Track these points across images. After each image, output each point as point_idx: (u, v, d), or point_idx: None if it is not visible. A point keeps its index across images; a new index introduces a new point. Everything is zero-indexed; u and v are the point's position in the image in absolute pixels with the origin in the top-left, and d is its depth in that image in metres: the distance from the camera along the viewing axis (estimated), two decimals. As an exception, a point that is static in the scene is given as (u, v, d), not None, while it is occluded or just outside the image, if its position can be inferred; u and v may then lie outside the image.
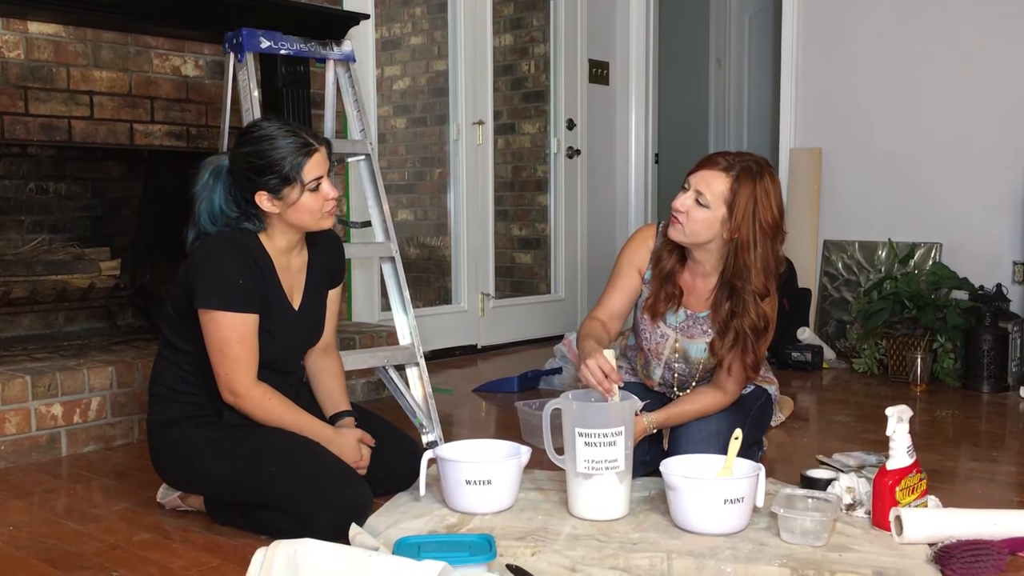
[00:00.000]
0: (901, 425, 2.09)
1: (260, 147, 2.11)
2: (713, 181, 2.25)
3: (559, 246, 5.17)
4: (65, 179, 3.50)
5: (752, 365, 2.34)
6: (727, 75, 6.04)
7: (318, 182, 2.14)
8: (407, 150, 5.51)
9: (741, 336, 2.31)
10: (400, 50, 5.50)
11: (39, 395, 2.78)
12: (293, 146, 2.11)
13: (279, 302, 2.21)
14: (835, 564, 1.89)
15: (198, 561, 1.97)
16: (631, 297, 2.47)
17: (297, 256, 2.27)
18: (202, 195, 2.17)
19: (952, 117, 4.21)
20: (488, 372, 4.14)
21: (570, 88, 5.09)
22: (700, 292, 2.41)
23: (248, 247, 2.16)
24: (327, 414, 2.32)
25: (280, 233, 2.20)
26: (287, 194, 2.12)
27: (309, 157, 2.12)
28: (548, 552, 1.95)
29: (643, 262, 2.45)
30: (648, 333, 2.47)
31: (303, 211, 2.15)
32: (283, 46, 3.01)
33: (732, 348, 2.33)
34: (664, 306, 2.40)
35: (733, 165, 2.25)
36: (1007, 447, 2.98)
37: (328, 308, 2.37)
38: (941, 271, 3.94)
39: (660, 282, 2.40)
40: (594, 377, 2.16)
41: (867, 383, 3.90)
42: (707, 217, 2.26)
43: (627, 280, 2.45)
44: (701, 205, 2.26)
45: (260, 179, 2.11)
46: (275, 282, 2.20)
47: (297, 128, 2.16)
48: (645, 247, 2.45)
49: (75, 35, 3.13)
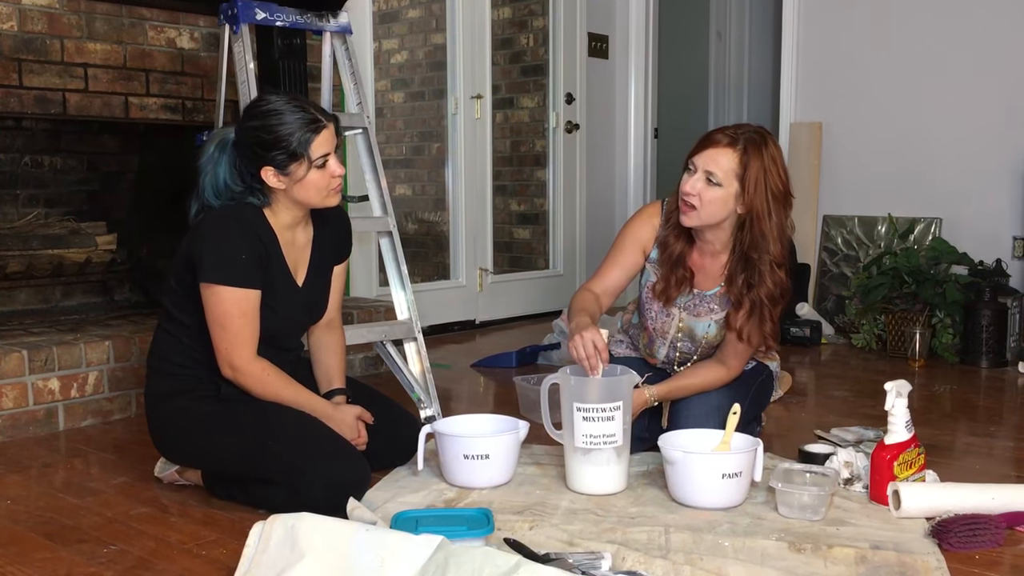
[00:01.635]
0: (900, 400, 2.09)
1: (268, 122, 2.08)
2: (721, 158, 2.22)
3: (558, 221, 5.15)
4: (60, 152, 3.48)
5: (772, 333, 2.32)
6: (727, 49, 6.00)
7: (325, 159, 2.12)
8: (405, 124, 5.48)
9: (758, 306, 2.29)
10: (398, 23, 5.46)
11: (36, 370, 2.78)
12: (301, 122, 2.08)
13: (282, 278, 2.19)
14: (832, 538, 1.89)
15: (196, 535, 1.97)
16: (630, 274, 2.44)
17: (302, 232, 2.25)
18: (207, 168, 2.15)
19: (953, 92, 4.18)
20: (486, 347, 4.13)
21: (569, 62, 5.06)
22: (709, 271, 2.39)
23: (252, 222, 2.14)
24: (322, 391, 2.32)
25: (285, 208, 2.18)
26: (294, 170, 2.10)
27: (317, 134, 2.09)
28: (546, 526, 1.96)
29: (647, 240, 2.42)
30: (654, 313, 2.45)
31: (309, 188, 2.13)
32: (279, 18, 2.98)
33: (749, 319, 2.30)
34: (676, 291, 2.37)
35: (737, 139, 2.22)
36: (1005, 422, 2.98)
37: (332, 283, 2.36)
38: (940, 246, 3.93)
39: (670, 267, 2.36)
40: (585, 351, 2.13)
41: (866, 358, 3.90)
42: (721, 196, 2.23)
43: (628, 257, 2.43)
44: (713, 184, 2.22)
45: (267, 154, 2.09)
46: (279, 258, 2.18)
47: (305, 103, 2.13)
48: (650, 225, 2.41)
49: (69, 7, 3.09)
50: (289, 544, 1.69)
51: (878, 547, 1.84)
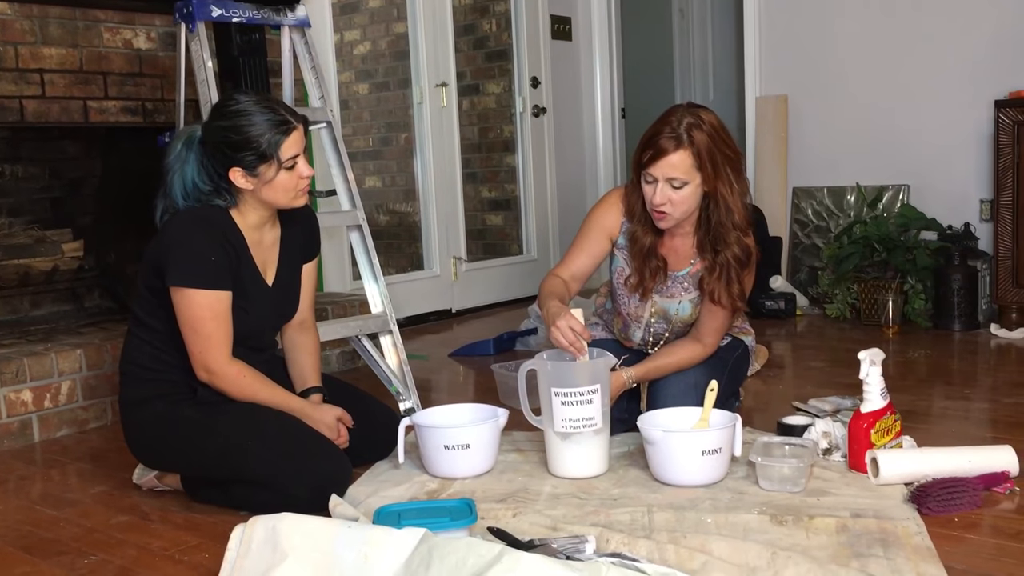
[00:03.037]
0: (874, 368, 2.10)
1: (237, 122, 2.06)
2: (676, 162, 2.21)
3: (529, 206, 5.14)
4: (21, 160, 3.42)
5: (739, 295, 2.35)
6: (690, 25, 5.99)
7: (294, 160, 2.10)
8: (371, 116, 5.44)
9: (725, 268, 2.32)
10: (358, 13, 5.41)
11: (7, 382, 2.74)
12: (271, 123, 2.06)
13: (252, 278, 2.17)
14: (813, 508, 1.90)
15: (177, 540, 1.96)
16: (596, 260, 2.45)
17: (269, 231, 2.23)
18: (174, 166, 2.13)
19: (916, 58, 4.20)
20: (463, 336, 4.12)
21: (533, 46, 5.04)
22: (680, 251, 2.40)
23: (220, 223, 2.12)
24: (297, 390, 2.30)
25: (252, 209, 2.16)
26: (263, 172, 2.08)
27: (287, 135, 2.07)
28: (529, 513, 1.96)
29: (613, 226, 2.42)
30: (627, 298, 2.45)
31: (278, 189, 2.11)
32: (235, 14, 2.94)
33: (719, 280, 2.33)
34: (652, 282, 2.39)
35: (680, 136, 2.20)
36: (979, 384, 3.01)
37: (303, 282, 2.34)
38: (909, 212, 3.96)
39: (642, 259, 2.38)
40: (566, 338, 2.14)
41: (840, 328, 3.93)
42: (689, 192, 2.24)
43: (595, 244, 2.43)
44: (677, 188, 2.23)
45: (236, 155, 2.06)
46: (248, 258, 2.16)
47: (274, 103, 2.11)
48: (616, 210, 2.42)
49: (21, 12, 3.04)
50: (271, 545, 1.68)
51: (858, 515, 1.86)
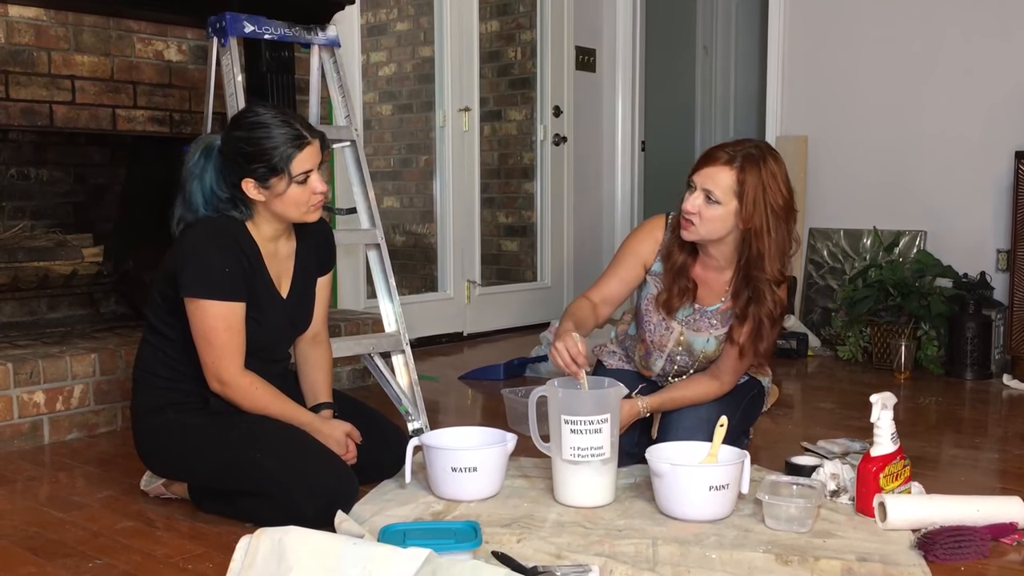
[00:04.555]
0: (885, 412, 2.10)
1: (253, 134, 2.09)
2: (719, 176, 2.22)
3: (545, 234, 5.16)
4: (47, 165, 3.47)
5: (765, 352, 2.35)
6: (714, 62, 6.03)
7: (307, 175, 2.12)
8: (393, 137, 5.49)
9: (757, 323, 2.30)
10: (386, 36, 5.47)
11: (21, 382, 2.76)
12: (286, 137, 2.08)
13: (266, 290, 2.19)
14: (819, 550, 1.90)
15: (182, 549, 1.96)
16: (629, 287, 2.45)
17: (285, 244, 2.25)
18: (194, 173, 2.15)
19: (938, 106, 4.21)
20: (474, 359, 4.13)
21: (556, 75, 5.08)
22: (713, 286, 2.39)
23: (234, 235, 2.14)
24: (308, 405, 2.31)
25: (266, 221, 2.18)
26: (274, 184, 2.10)
27: (300, 150, 2.09)
28: (533, 539, 1.95)
29: (649, 254, 2.42)
30: (653, 325, 2.45)
31: (289, 203, 2.13)
32: (267, 31, 2.98)
33: (748, 334, 2.32)
34: (679, 301, 2.38)
35: (735, 156, 2.22)
36: (990, 434, 3.00)
37: (317, 296, 2.35)
38: (925, 259, 3.96)
39: (673, 277, 2.37)
40: (561, 359, 2.15)
41: (852, 370, 3.92)
42: (720, 213, 2.24)
43: (629, 270, 2.43)
44: (712, 202, 2.23)
45: (249, 166, 2.09)
46: (262, 270, 2.18)
47: (292, 118, 2.13)
48: (652, 239, 2.42)
49: (56, 19, 3.09)
50: (276, 558, 1.68)
51: (864, 559, 1.85)
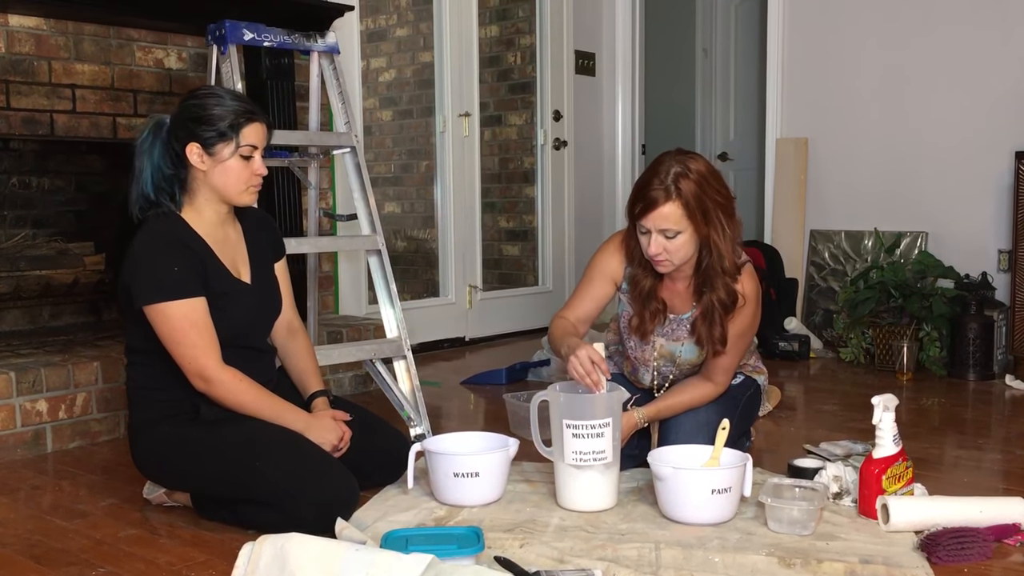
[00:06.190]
0: (887, 414, 2.10)
1: (206, 100, 2.15)
2: (666, 213, 2.23)
3: (546, 238, 5.16)
4: (48, 173, 3.47)
5: (719, 338, 2.35)
6: (713, 65, 6.04)
7: (252, 150, 2.15)
8: (393, 142, 5.49)
9: (710, 310, 2.34)
10: (385, 42, 5.48)
11: (24, 391, 2.77)
12: (238, 108, 2.15)
13: (223, 279, 2.17)
14: (822, 552, 1.89)
15: (185, 556, 1.96)
16: (600, 305, 2.49)
17: (232, 230, 2.25)
18: (143, 149, 2.17)
19: (937, 106, 4.22)
20: (476, 364, 4.13)
21: (556, 79, 5.08)
22: (681, 293, 2.42)
23: (175, 232, 2.13)
24: (303, 397, 2.31)
25: (206, 202, 2.18)
26: (219, 150, 2.12)
27: (250, 123, 2.15)
28: (536, 544, 1.95)
29: (616, 271, 2.45)
30: (634, 343, 2.48)
31: (229, 174, 2.14)
32: (266, 38, 2.99)
33: (703, 322, 2.36)
34: (652, 324, 2.42)
35: (668, 187, 2.22)
36: (992, 435, 2.99)
37: (280, 283, 2.36)
38: (927, 260, 3.95)
39: (642, 303, 2.41)
40: (584, 367, 2.15)
41: (854, 372, 3.92)
42: (683, 241, 2.26)
43: (598, 289, 2.47)
44: (671, 237, 2.26)
45: (197, 128, 2.12)
46: (214, 260, 2.17)
47: (247, 99, 2.20)
48: (617, 256, 2.45)
49: (56, 28, 3.10)
50: (279, 564, 1.69)
51: (867, 561, 1.85)
